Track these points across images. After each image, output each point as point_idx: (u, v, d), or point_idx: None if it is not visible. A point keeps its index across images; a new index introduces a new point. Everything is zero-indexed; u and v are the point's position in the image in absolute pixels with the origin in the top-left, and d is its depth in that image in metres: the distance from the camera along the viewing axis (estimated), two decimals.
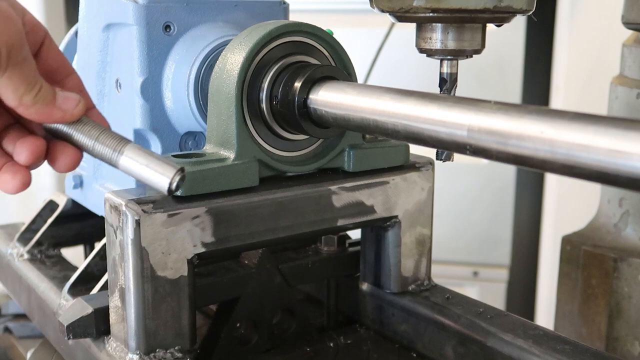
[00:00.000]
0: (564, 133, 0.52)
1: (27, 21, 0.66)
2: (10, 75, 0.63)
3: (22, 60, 0.63)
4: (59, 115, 0.67)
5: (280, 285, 0.91)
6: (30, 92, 0.64)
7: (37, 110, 0.65)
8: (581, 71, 1.91)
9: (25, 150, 0.67)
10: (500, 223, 2.23)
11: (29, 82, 0.64)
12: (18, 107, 0.65)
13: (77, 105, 0.67)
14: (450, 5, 0.67)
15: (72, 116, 0.67)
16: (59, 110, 0.67)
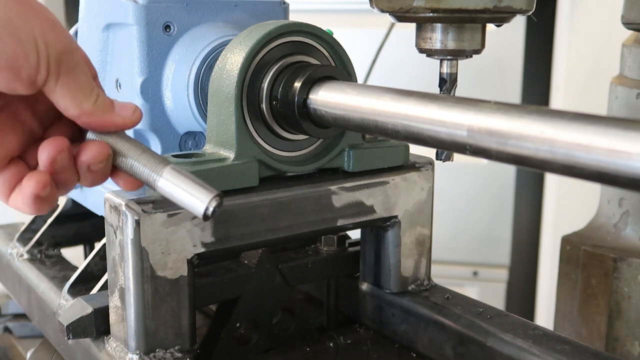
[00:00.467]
0: (563, 133, 0.52)
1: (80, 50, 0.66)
2: (66, 82, 0.61)
3: (75, 65, 0.62)
4: (120, 121, 0.65)
5: (280, 285, 0.91)
6: (89, 98, 0.63)
7: (98, 117, 0.64)
8: (581, 71, 1.91)
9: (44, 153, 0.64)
10: (500, 223, 2.23)
11: (86, 87, 0.63)
12: (80, 116, 0.63)
13: (135, 111, 0.66)
14: (450, 5, 0.67)
15: (132, 122, 0.66)
16: (119, 116, 0.65)
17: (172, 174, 0.63)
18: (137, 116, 0.66)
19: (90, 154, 0.64)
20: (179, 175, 0.63)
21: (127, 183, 0.68)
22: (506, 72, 2.13)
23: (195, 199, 0.62)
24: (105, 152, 0.65)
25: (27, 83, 0.59)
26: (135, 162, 0.65)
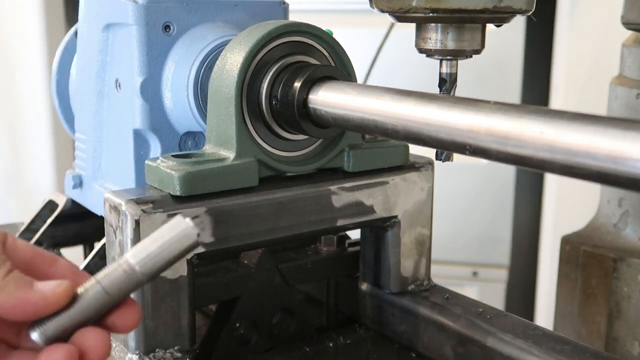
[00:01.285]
0: (563, 133, 0.52)
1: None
2: None
3: None
4: (38, 298, 0.50)
5: (280, 285, 0.91)
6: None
7: (8, 295, 0.50)
8: (581, 71, 1.91)
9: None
10: (500, 223, 2.22)
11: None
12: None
13: (60, 284, 0.52)
14: (450, 6, 0.67)
15: (56, 296, 0.51)
16: (37, 293, 0.51)
17: (135, 253, 0.54)
18: (62, 289, 0.51)
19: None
20: (141, 245, 0.54)
21: (122, 316, 0.54)
22: (506, 72, 2.12)
23: (177, 236, 0.54)
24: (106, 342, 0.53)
25: None
26: (105, 294, 0.53)
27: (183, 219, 0.54)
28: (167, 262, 0.54)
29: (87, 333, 0.52)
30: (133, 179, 0.90)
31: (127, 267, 0.53)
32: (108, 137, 0.95)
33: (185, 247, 0.54)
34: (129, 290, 0.53)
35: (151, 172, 0.78)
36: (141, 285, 0.54)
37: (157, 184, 0.77)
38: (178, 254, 0.54)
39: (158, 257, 0.53)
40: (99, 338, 0.52)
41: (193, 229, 0.54)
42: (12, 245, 0.55)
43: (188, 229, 0.54)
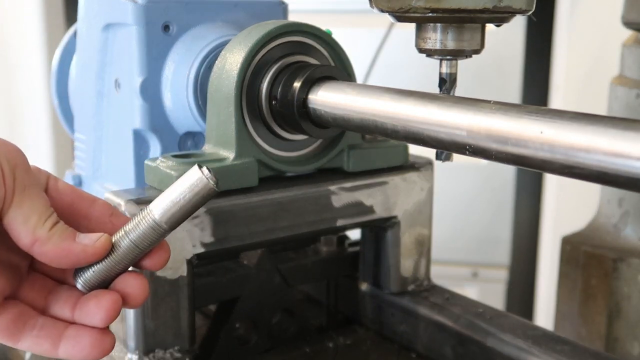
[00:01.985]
0: (563, 133, 0.52)
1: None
2: (19, 202, 0.53)
3: (30, 184, 0.55)
4: (79, 250, 0.55)
5: (280, 285, 0.91)
6: (44, 224, 0.54)
7: (53, 245, 0.54)
8: (581, 71, 1.91)
9: (102, 309, 0.56)
10: (500, 223, 2.23)
11: (41, 211, 0.54)
12: (33, 244, 0.54)
13: (99, 238, 0.56)
14: (450, 5, 0.67)
15: (95, 250, 0.56)
16: (78, 245, 0.55)
17: (156, 205, 0.57)
18: (100, 243, 0.56)
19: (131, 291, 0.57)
20: (160, 197, 0.57)
21: (154, 258, 0.59)
22: (506, 72, 2.13)
23: (191, 184, 0.56)
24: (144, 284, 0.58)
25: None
26: (131, 236, 0.57)
27: (198, 170, 0.56)
28: (188, 213, 0.57)
29: (127, 279, 0.58)
30: (133, 179, 0.90)
31: (152, 222, 0.56)
32: (108, 137, 0.94)
33: (202, 198, 0.56)
34: (156, 241, 0.57)
35: (151, 172, 0.78)
36: (166, 235, 0.57)
37: (157, 184, 0.77)
38: (197, 205, 0.57)
39: (179, 210, 0.56)
40: (138, 284, 0.58)
41: (207, 180, 0.56)
42: (54, 187, 0.59)
43: (202, 180, 0.56)
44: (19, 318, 0.57)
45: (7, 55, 2.44)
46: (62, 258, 0.55)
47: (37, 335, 0.57)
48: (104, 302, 0.56)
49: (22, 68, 2.42)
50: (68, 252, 0.55)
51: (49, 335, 0.57)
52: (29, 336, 0.57)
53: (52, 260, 0.55)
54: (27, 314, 0.57)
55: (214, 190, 0.56)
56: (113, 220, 0.59)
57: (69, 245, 0.55)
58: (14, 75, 2.45)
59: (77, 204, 0.59)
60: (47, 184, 0.59)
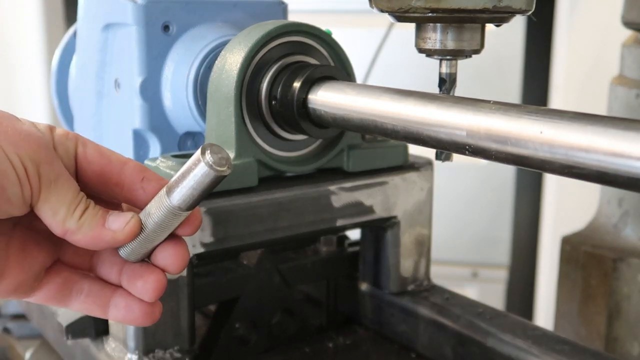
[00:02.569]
0: (563, 133, 0.52)
1: (55, 135, 0.58)
2: (46, 197, 0.55)
3: (56, 177, 0.55)
4: (109, 236, 0.56)
5: (280, 285, 0.91)
6: (72, 215, 0.55)
7: (84, 235, 0.56)
8: (580, 71, 1.91)
9: (149, 286, 0.59)
10: (500, 223, 2.23)
11: (69, 202, 0.55)
12: (64, 235, 0.56)
13: (128, 222, 0.57)
14: (450, 5, 0.67)
15: (125, 235, 0.57)
16: (108, 231, 0.56)
17: (169, 187, 0.57)
18: (130, 227, 0.57)
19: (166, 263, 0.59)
20: (174, 179, 0.57)
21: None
22: (505, 72, 2.12)
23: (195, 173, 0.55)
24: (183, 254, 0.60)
25: (18, 203, 0.54)
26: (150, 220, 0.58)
27: (200, 158, 0.54)
28: (203, 195, 0.56)
29: (166, 250, 0.59)
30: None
31: (171, 208, 0.57)
32: (107, 137, 0.94)
33: (212, 183, 0.55)
34: (177, 224, 0.58)
35: None
36: (186, 215, 0.58)
37: None
38: (208, 187, 0.56)
39: (192, 195, 0.56)
40: (176, 254, 0.59)
41: (210, 169, 0.54)
42: (84, 156, 0.59)
43: (205, 169, 0.54)
44: (64, 285, 0.60)
45: (7, 55, 2.44)
46: (94, 245, 0.57)
47: (85, 301, 0.60)
48: (150, 282, 0.59)
49: (22, 68, 2.42)
50: (99, 239, 0.56)
51: (96, 302, 0.60)
52: (76, 301, 0.60)
53: (85, 246, 0.57)
54: (73, 279, 0.60)
55: (222, 176, 0.55)
56: (145, 186, 0.59)
57: (98, 233, 0.56)
58: (14, 75, 2.45)
59: (107, 171, 0.59)
60: (76, 153, 0.59)
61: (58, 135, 0.58)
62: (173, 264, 0.59)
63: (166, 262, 0.59)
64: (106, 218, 0.57)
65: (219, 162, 0.54)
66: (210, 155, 0.54)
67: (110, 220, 0.57)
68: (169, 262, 0.59)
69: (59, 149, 0.58)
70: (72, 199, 0.56)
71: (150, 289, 0.59)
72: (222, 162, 0.55)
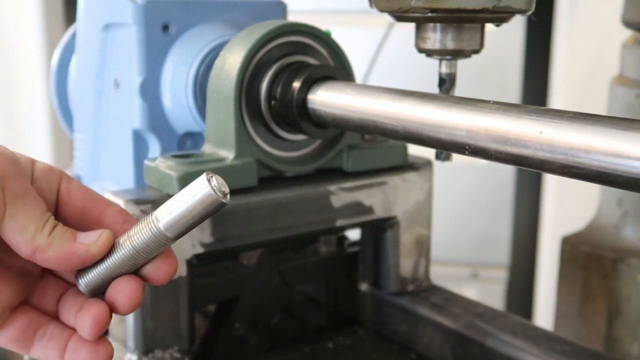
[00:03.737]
0: (563, 133, 0.52)
1: (35, 168, 0.56)
2: (14, 213, 0.51)
3: (24, 193, 0.52)
4: (82, 250, 0.53)
5: (279, 285, 0.91)
6: (42, 231, 0.52)
7: (55, 251, 0.52)
8: (580, 71, 1.91)
9: (87, 321, 0.54)
10: (499, 223, 2.22)
11: (38, 219, 0.52)
12: (34, 253, 0.52)
13: (100, 235, 0.54)
14: (449, 5, 0.67)
15: (98, 247, 0.54)
16: (81, 245, 0.53)
17: (162, 211, 0.54)
18: (103, 239, 0.54)
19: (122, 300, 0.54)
20: (167, 204, 0.54)
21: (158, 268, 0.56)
22: (505, 72, 2.12)
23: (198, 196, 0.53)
24: (137, 294, 0.55)
25: None
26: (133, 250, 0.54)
27: (205, 182, 0.52)
28: (194, 223, 0.54)
29: (119, 284, 0.55)
30: (132, 179, 0.90)
31: (156, 230, 0.54)
32: (107, 137, 0.94)
33: (210, 211, 0.53)
34: (158, 250, 0.55)
35: (150, 172, 0.78)
36: (170, 244, 0.55)
37: (156, 184, 0.77)
38: (204, 216, 0.53)
39: (184, 220, 0.53)
40: (130, 289, 0.55)
41: (214, 194, 0.52)
42: (67, 190, 0.57)
43: (210, 194, 0.52)
44: (29, 327, 0.56)
45: (7, 55, 2.43)
46: (66, 261, 0.53)
47: (46, 345, 0.56)
48: (89, 314, 0.54)
49: (22, 68, 2.42)
50: (71, 254, 0.53)
51: (56, 346, 0.56)
52: (38, 346, 0.56)
53: (56, 265, 0.54)
54: (37, 322, 0.56)
55: (223, 203, 0.53)
56: (126, 228, 0.56)
57: (70, 248, 0.53)
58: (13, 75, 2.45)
59: (89, 208, 0.57)
60: (59, 187, 0.57)
61: (40, 167, 0.56)
62: (123, 300, 0.54)
63: (117, 296, 0.54)
64: (76, 234, 0.54)
65: (222, 191, 0.52)
66: (216, 182, 0.52)
67: (82, 236, 0.54)
68: (119, 297, 0.54)
69: (40, 180, 0.55)
70: (40, 216, 0.53)
71: (89, 322, 0.54)
72: (225, 191, 0.53)
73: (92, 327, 0.54)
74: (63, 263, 0.53)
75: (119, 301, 0.54)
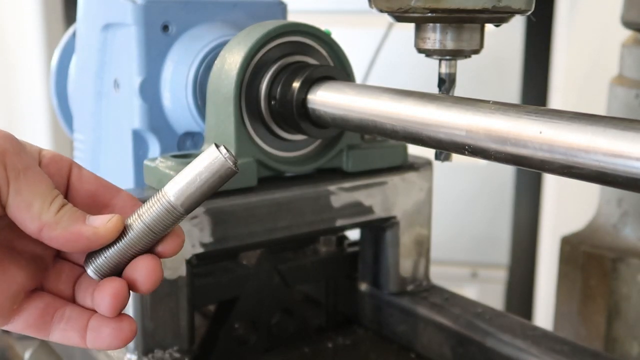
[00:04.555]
0: (562, 133, 0.52)
1: (43, 155, 0.56)
2: (18, 189, 0.50)
3: (25, 167, 0.51)
4: (90, 232, 0.52)
5: (279, 285, 0.91)
6: (49, 207, 0.51)
7: (63, 230, 0.51)
8: (580, 71, 1.91)
9: (106, 297, 0.53)
10: (499, 223, 2.22)
11: (44, 194, 0.51)
12: (41, 230, 0.51)
13: (110, 219, 0.53)
14: (449, 5, 0.67)
15: (106, 232, 0.53)
16: (89, 227, 0.52)
17: (171, 186, 0.54)
18: (113, 222, 0.53)
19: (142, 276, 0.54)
20: (176, 179, 0.53)
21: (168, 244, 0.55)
22: (505, 72, 2.12)
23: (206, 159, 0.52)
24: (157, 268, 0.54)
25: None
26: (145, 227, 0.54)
27: (216, 150, 0.52)
28: (205, 195, 0.53)
29: (137, 264, 0.54)
30: (132, 179, 0.90)
31: (168, 205, 0.53)
32: (107, 137, 0.94)
33: (221, 179, 0.53)
34: (171, 225, 0.54)
35: (150, 172, 0.78)
36: (183, 218, 0.54)
37: (156, 184, 0.77)
38: (215, 186, 0.53)
39: (197, 192, 0.53)
40: (148, 268, 0.54)
41: (225, 160, 0.52)
42: (78, 176, 0.56)
43: (220, 160, 0.52)
44: (45, 311, 0.55)
45: (7, 55, 2.43)
46: (73, 242, 0.52)
47: (65, 328, 0.55)
48: (107, 290, 0.53)
49: (22, 68, 2.42)
50: (78, 235, 0.52)
51: (75, 328, 0.55)
52: (57, 329, 0.55)
53: (63, 245, 0.52)
54: (54, 306, 0.56)
55: (233, 170, 0.52)
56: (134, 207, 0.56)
57: (79, 229, 0.52)
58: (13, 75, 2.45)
59: (100, 193, 0.57)
60: (70, 172, 0.56)
61: (48, 155, 0.56)
62: (143, 278, 0.54)
63: (135, 275, 0.54)
64: (86, 216, 0.53)
65: (232, 160, 0.52)
66: (224, 149, 0.52)
67: (92, 219, 0.53)
68: (138, 276, 0.54)
69: (50, 167, 0.55)
70: (46, 191, 0.52)
71: (107, 298, 0.53)
72: (234, 161, 0.53)
73: (111, 303, 0.53)
74: (70, 243, 0.52)
75: (139, 280, 0.54)
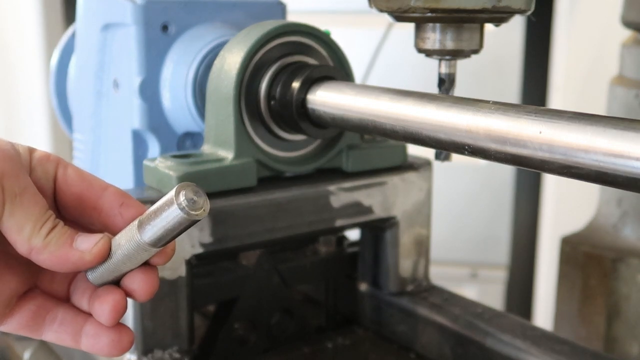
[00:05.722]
0: (562, 133, 0.52)
1: (33, 157, 0.56)
2: (12, 211, 0.52)
3: (21, 191, 0.52)
4: (76, 256, 0.53)
5: (279, 285, 0.91)
6: (39, 232, 0.53)
7: (50, 254, 0.53)
8: (580, 71, 1.91)
9: (106, 308, 0.55)
10: (499, 223, 2.22)
11: (36, 218, 0.53)
12: (29, 253, 0.53)
13: (97, 243, 0.54)
14: (449, 5, 0.67)
15: (93, 256, 0.54)
16: (76, 251, 0.54)
17: (141, 221, 0.53)
18: (98, 248, 0.54)
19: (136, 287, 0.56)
20: (147, 216, 0.53)
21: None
22: (505, 72, 2.12)
23: (168, 212, 0.51)
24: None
25: None
26: (122, 258, 0.55)
27: (174, 199, 0.51)
28: (175, 235, 0.53)
29: (134, 275, 0.56)
30: (131, 179, 0.90)
31: (141, 243, 0.53)
32: (106, 137, 0.94)
33: (183, 227, 0.52)
34: (146, 258, 0.55)
35: (149, 173, 0.78)
36: (156, 251, 0.55)
37: (156, 184, 0.77)
38: (181, 230, 0.53)
39: (165, 233, 0.53)
40: (145, 279, 0.56)
41: (182, 213, 0.50)
42: (63, 178, 0.57)
43: (177, 212, 0.51)
44: (37, 313, 0.57)
45: (6, 55, 2.43)
46: (60, 265, 0.54)
47: (57, 330, 0.57)
48: (107, 302, 0.55)
49: (21, 68, 2.42)
50: (65, 260, 0.54)
51: (68, 331, 0.57)
52: (49, 330, 0.57)
53: (51, 267, 0.54)
54: (46, 307, 0.57)
55: (193, 221, 0.51)
56: (123, 212, 0.57)
57: (65, 253, 0.53)
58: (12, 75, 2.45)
59: (86, 195, 0.57)
60: (56, 175, 0.57)
61: (37, 156, 0.56)
62: (140, 289, 0.56)
63: (133, 286, 0.56)
64: (74, 238, 0.54)
65: (192, 206, 0.51)
66: (184, 197, 0.50)
67: (79, 241, 0.54)
68: (136, 287, 0.56)
69: (37, 170, 0.56)
70: (39, 215, 0.53)
71: (107, 310, 0.55)
72: (197, 206, 0.51)
73: (111, 314, 0.55)
74: (57, 266, 0.54)
75: (136, 290, 0.56)
